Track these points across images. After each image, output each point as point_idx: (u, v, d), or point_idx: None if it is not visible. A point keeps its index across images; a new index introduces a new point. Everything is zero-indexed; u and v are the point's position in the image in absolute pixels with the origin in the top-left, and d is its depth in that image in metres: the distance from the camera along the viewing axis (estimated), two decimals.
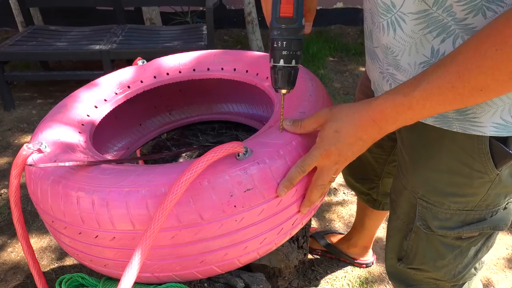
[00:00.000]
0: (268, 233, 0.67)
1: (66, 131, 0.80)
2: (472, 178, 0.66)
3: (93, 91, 0.96)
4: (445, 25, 0.55)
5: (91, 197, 0.61)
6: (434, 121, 0.65)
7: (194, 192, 0.60)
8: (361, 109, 0.58)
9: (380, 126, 0.57)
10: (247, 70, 1.01)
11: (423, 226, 0.75)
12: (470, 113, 0.60)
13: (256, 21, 3.23)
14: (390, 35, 0.62)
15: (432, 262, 0.78)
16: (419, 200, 0.74)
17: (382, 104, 0.55)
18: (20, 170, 0.69)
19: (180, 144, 1.19)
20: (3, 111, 2.61)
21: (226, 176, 0.61)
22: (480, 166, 0.64)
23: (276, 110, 0.82)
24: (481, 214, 0.70)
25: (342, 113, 0.60)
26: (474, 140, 0.62)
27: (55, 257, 1.55)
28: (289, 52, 0.59)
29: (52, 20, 3.64)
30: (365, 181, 1.15)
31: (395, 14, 0.59)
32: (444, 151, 0.66)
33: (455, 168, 0.66)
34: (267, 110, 1.24)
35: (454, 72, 0.49)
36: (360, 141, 0.59)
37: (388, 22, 0.61)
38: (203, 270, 0.67)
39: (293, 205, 0.68)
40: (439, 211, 0.71)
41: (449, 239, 0.74)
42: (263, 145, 0.66)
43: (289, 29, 0.58)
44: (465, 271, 0.79)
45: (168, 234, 0.61)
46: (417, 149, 0.71)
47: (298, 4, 0.57)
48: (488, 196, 0.68)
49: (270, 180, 0.63)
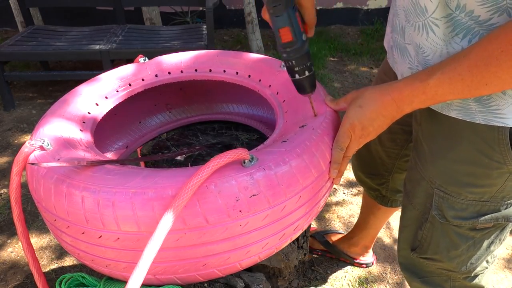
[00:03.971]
0: (270, 238, 0.67)
1: (68, 128, 0.80)
2: (491, 168, 0.67)
3: (94, 87, 0.96)
4: (469, 27, 0.59)
5: (97, 197, 0.61)
6: (457, 113, 0.67)
7: (200, 195, 0.60)
8: (383, 90, 0.66)
9: (398, 105, 0.64)
10: (249, 75, 1.01)
11: (438, 216, 0.77)
12: (493, 105, 0.62)
13: (256, 21, 3.23)
14: (423, 36, 0.66)
15: (446, 252, 0.80)
16: (436, 190, 0.75)
17: (401, 86, 0.63)
18: (21, 167, 0.69)
19: (180, 144, 1.19)
20: (3, 111, 2.61)
21: (232, 181, 0.61)
22: (499, 156, 0.66)
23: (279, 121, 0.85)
24: (496, 206, 0.72)
25: (366, 92, 0.68)
26: (495, 131, 0.64)
27: (55, 256, 1.55)
28: (300, 67, 0.70)
29: (52, 20, 3.64)
30: (375, 176, 1.16)
31: (427, 18, 0.63)
32: (465, 142, 0.68)
33: (475, 158, 0.68)
34: (267, 110, 1.24)
35: (465, 66, 0.55)
36: (381, 116, 0.66)
37: (423, 24, 0.65)
38: (205, 273, 0.67)
39: (296, 211, 0.68)
40: (456, 201, 0.73)
41: (463, 230, 0.76)
42: (268, 153, 0.67)
43: (293, 50, 0.68)
44: (477, 263, 0.81)
45: (174, 236, 0.61)
46: (438, 140, 0.73)
47: (294, 28, 0.66)
48: (505, 188, 0.69)
49: (276, 186, 0.63)
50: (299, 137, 0.71)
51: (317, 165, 0.69)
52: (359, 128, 0.68)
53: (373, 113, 0.66)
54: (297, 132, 0.74)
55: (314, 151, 0.69)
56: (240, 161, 0.64)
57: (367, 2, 3.97)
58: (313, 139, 0.71)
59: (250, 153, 0.65)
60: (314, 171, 0.69)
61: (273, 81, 0.95)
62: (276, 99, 0.92)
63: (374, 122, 0.67)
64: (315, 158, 0.69)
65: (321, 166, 0.70)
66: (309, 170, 0.68)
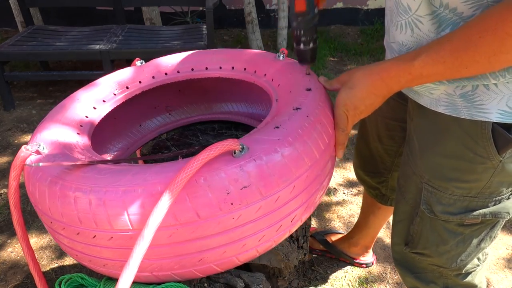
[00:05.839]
0: (266, 230, 0.67)
1: (65, 132, 0.80)
2: (476, 163, 0.69)
3: (92, 92, 0.96)
4: (455, 21, 0.61)
5: (88, 197, 0.61)
6: (445, 109, 0.69)
7: (190, 190, 0.60)
8: (372, 70, 0.68)
9: (386, 83, 0.67)
10: (245, 68, 1.01)
11: (427, 210, 0.78)
12: (477, 101, 0.64)
13: (256, 21, 3.23)
14: (407, 34, 0.68)
15: (435, 247, 0.81)
16: (424, 184, 0.77)
17: (389, 67, 0.66)
18: (18, 171, 0.69)
19: (180, 144, 1.19)
20: (3, 111, 2.61)
21: (222, 174, 0.61)
22: (483, 151, 0.67)
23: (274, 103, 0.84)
24: (484, 202, 0.73)
25: (357, 73, 0.71)
26: (479, 125, 0.66)
27: (54, 257, 1.55)
28: (306, 38, 0.76)
29: (52, 20, 3.64)
30: (375, 175, 1.16)
31: (411, 16, 0.65)
32: (451, 137, 0.70)
33: (461, 153, 0.70)
34: (266, 108, 1.24)
35: (447, 50, 0.58)
36: (372, 95, 0.69)
37: (406, 22, 0.67)
38: (202, 269, 0.67)
39: (291, 201, 0.67)
40: (443, 196, 0.75)
41: (452, 225, 0.77)
42: (259, 142, 0.66)
43: (304, 20, 0.73)
44: (467, 260, 0.81)
45: (166, 232, 0.61)
46: (427, 135, 0.75)
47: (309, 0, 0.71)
48: (491, 184, 0.70)
49: (267, 176, 0.63)
50: (292, 123, 0.70)
51: (310, 153, 0.68)
52: (352, 108, 0.72)
53: (364, 93, 0.69)
54: (291, 116, 0.72)
55: (307, 139, 0.68)
56: (230, 152, 0.63)
57: (367, 2, 3.97)
58: (305, 126, 0.70)
59: (241, 141, 0.65)
60: (307, 160, 0.68)
61: (268, 70, 0.95)
62: (270, 84, 0.92)
63: (365, 101, 0.70)
64: (307, 146, 0.68)
65: (314, 154, 0.69)
66: (302, 159, 0.67)
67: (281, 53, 0.97)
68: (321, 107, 0.76)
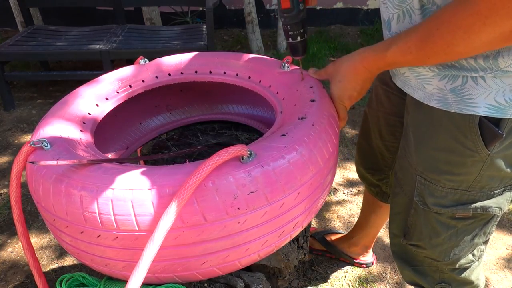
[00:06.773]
0: (269, 235, 0.67)
1: (68, 129, 0.80)
2: (465, 156, 0.71)
3: (95, 89, 0.96)
4: None
5: (95, 196, 0.61)
6: (437, 103, 0.71)
7: (198, 193, 0.60)
8: (354, 60, 0.75)
9: (369, 70, 0.74)
10: (249, 77, 1.01)
11: (420, 202, 0.80)
12: (466, 95, 0.66)
13: (256, 21, 3.23)
14: (406, 21, 0.71)
15: (428, 239, 0.83)
16: (418, 177, 0.79)
17: (367, 55, 0.73)
18: (21, 167, 0.69)
19: (180, 144, 1.19)
20: (3, 111, 2.61)
21: (230, 178, 0.61)
22: (471, 144, 0.69)
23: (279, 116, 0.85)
24: (475, 196, 0.75)
25: (341, 67, 0.78)
26: (467, 119, 0.68)
27: (55, 256, 1.55)
28: (294, 32, 0.81)
29: (52, 20, 3.64)
30: (376, 172, 1.17)
31: (409, 4, 0.69)
32: (443, 130, 0.72)
33: (451, 146, 0.72)
34: (267, 111, 1.24)
35: (413, 41, 0.62)
36: (360, 81, 0.77)
37: (405, 10, 0.70)
38: (204, 272, 0.67)
39: (295, 208, 0.68)
40: (435, 188, 0.77)
41: (444, 218, 0.79)
42: (266, 148, 0.67)
43: (290, 16, 0.79)
44: (460, 254, 0.83)
45: (172, 234, 0.61)
46: (421, 129, 0.77)
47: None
48: (481, 178, 0.72)
49: (274, 182, 0.63)
50: (298, 132, 0.72)
51: (315, 161, 0.70)
52: (347, 98, 0.81)
53: (352, 83, 0.77)
54: (296, 125, 0.74)
55: (312, 147, 0.70)
56: (238, 157, 0.63)
57: (367, 2, 3.97)
58: (311, 135, 0.71)
59: (249, 147, 0.65)
60: (312, 167, 0.69)
61: (273, 81, 0.96)
62: (275, 97, 0.93)
63: (356, 88, 0.78)
64: (313, 154, 0.70)
65: (319, 162, 0.71)
66: (307, 166, 0.68)
67: (286, 62, 0.98)
68: (326, 117, 0.77)
